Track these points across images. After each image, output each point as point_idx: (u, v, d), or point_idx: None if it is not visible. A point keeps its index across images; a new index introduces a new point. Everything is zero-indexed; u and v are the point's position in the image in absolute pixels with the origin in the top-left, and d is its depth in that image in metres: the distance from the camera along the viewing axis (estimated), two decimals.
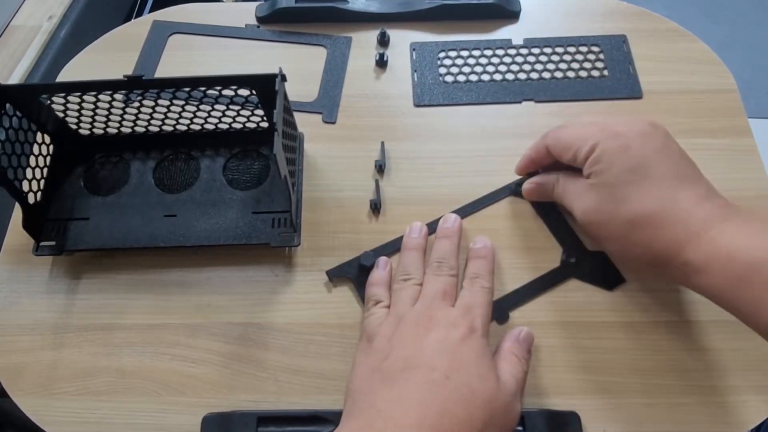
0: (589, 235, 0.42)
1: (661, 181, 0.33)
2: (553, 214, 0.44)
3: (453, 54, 0.53)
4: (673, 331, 0.39)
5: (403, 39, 0.55)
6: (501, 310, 0.40)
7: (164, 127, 0.47)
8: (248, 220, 0.43)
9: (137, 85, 0.40)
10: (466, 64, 0.53)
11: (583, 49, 0.53)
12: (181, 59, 0.54)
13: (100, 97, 0.42)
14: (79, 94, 0.41)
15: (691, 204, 0.33)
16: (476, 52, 0.53)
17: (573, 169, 0.38)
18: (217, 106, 0.44)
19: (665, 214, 0.33)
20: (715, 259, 0.30)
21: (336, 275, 0.42)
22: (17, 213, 0.46)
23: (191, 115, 0.45)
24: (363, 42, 0.55)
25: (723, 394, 0.38)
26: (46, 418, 0.38)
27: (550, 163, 0.41)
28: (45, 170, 0.45)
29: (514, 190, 0.45)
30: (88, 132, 0.47)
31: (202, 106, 0.44)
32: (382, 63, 0.53)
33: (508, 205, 0.45)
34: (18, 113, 0.42)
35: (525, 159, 0.43)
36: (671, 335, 0.39)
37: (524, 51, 0.53)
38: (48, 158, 0.46)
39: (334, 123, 0.50)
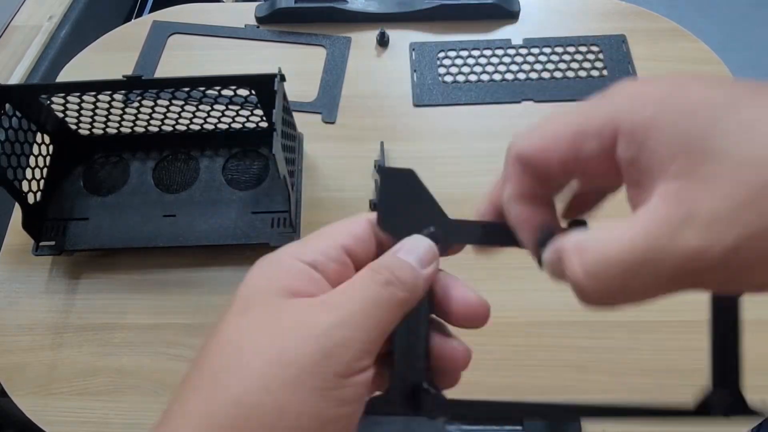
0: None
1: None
2: (728, 317, 0.21)
3: (452, 54, 0.53)
4: (673, 331, 0.39)
5: (402, 39, 0.55)
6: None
7: (164, 127, 0.47)
8: (247, 220, 0.43)
9: (136, 85, 0.40)
10: (465, 64, 0.53)
11: (583, 48, 0.53)
12: (180, 59, 0.54)
13: (100, 97, 0.42)
14: (78, 94, 0.41)
15: None
16: (476, 52, 0.53)
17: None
18: (216, 106, 0.44)
19: None
20: None
21: None
22: (17, 213, 0.46)
23: (190, 115, 0.45)
24: (362, 42, 0.55)
25: None
26: (46, 418, 0.38)
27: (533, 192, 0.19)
28: (45, 170, 0.45)
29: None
30: (87, 132, 0.47)
31: (201, 106, 0.44)
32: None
33: None
34: (18, 113, 0.42)
35: (485, 202, 0.20)
36: (671, 335, 0.39)
37: (524, 51, 0.53)
38: (48, 158, 0.46)
39: (333, 123, 0.50)
